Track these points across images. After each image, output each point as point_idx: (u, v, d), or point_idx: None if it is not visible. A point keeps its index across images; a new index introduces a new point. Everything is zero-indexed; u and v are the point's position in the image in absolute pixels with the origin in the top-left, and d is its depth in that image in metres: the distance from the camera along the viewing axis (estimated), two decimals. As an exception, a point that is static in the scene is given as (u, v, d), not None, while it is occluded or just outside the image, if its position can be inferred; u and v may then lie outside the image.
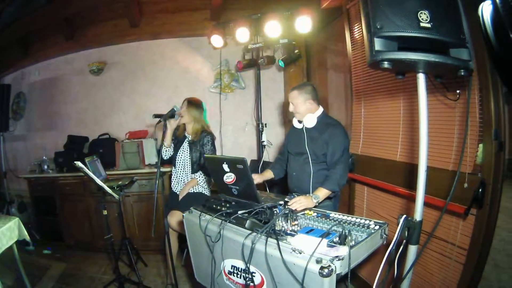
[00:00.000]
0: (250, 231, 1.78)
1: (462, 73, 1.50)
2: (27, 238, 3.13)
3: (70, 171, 4.59)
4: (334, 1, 3.33)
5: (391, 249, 1.59)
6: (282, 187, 3.23)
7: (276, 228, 1.76)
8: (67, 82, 5.25)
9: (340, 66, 3.69)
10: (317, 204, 2.34)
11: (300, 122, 2.73)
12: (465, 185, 2.03)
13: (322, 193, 2.41)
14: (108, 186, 3.23)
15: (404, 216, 1.62)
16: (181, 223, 3.09)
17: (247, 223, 1.82)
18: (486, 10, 1.42)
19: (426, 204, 1.70)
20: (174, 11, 4.76)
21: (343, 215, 1.99)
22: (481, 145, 2.02)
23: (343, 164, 2.52)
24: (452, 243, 2.18)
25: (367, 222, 1.83)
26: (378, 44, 1.42)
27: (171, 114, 3.04)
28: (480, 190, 1.97)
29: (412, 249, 1.64)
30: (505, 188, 1.99)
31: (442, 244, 2.25)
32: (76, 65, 5.17)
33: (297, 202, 2.20)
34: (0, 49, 5.18)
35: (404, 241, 1.64)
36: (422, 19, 1.40)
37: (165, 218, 2.77)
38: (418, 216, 1.62)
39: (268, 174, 2.90)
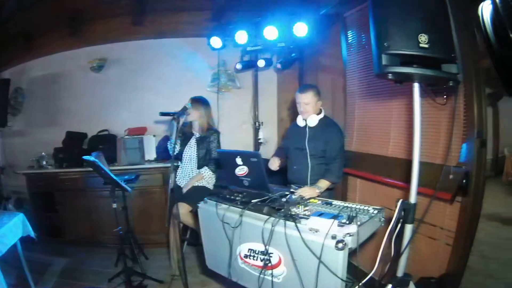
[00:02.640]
0: (269, 216, 2.02)
1: (451, 84, 1.80)
2: (32, 234, 3.13)
3: (71, 167, 4.68)
4: (332, 9, 3.58)
5: (392, 226, 1.86)
6: (281, 178, 3.43)
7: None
8: (68, 78, 5.29)
9: (331, 69, 3.94)
10: (319, 193, 2.64)
11: (304, 120, 2.98)
12: (451, 176, 2.33)
13: (324, 184, 2.74)
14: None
15: (401, 200, 1.90)
16: (187, 215, 3.31)
17: (265, 209, 2.07)
18: (486, 10, 1.62)
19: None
20: (177, 10, 4.80)
21: (344, 203, 2.28)
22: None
23: (340, 159, 2.86)
24: (440, 227, 2.49)
25: (366, 208, 2.13)
26: (385, 60, 1.70)
27: (183, 112, 3.15)
28: (464, 180, 2.28)
29: (409, 228, 1.91)
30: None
31: (432, 228, 2.55)
32: (78, 61, 5.21)
33: (303, 191, 2.50)
34: (1, 43, 4.99)
35: (401, 220, 1.90)
36: (422, 40, 1.67)
37: (175, 209, 2.93)
38: (412, 199, 1.90)
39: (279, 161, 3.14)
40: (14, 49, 5.20)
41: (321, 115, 2.97)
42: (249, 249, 2.17)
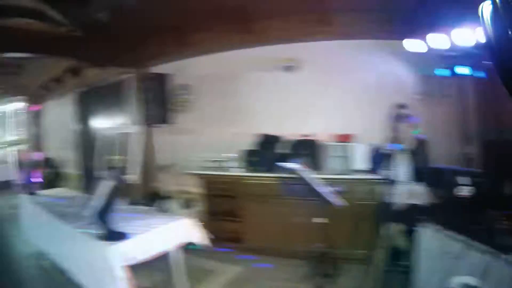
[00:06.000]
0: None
1: None
2: (197, 240, 3.37)
3: (262, 171, 4.66)
4: None
5: None
6: None
7: None
8: (249, 78, 5.25)
9: None
10: None
11: None
12: None
13: None
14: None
15: None
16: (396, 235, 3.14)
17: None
18: (486, 10, 1.40)
19: None
20: (367, 10, 4.31)
21: None
22: None
23: None
24: None
25: None
26: None
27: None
28: None
29: None
30: None
31: None
32: (258, 60, 5.10)
33: None
34: (152, 37, 5.08)
35: None
36: None
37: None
38: None
39: None
40: (162, 43, 5.22)
41: None
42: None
